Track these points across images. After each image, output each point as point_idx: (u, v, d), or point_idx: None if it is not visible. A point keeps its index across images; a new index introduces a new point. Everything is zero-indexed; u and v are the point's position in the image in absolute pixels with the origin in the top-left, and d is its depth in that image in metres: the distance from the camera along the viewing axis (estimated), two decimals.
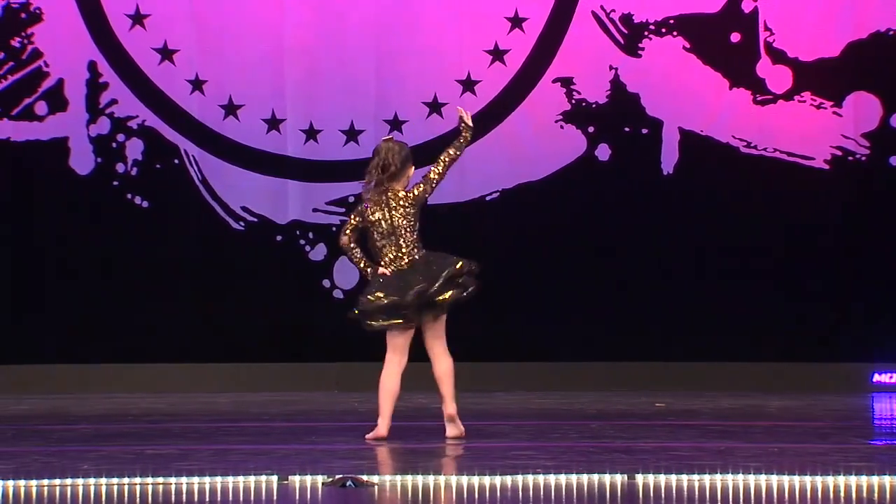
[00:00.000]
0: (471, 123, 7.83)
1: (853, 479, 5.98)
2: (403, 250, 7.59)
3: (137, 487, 5.84)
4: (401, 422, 8.60)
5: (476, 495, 5.73)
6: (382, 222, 7.59)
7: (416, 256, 7.60)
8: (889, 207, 11.20)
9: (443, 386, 7.67)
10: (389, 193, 7.62)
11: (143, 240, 11.11)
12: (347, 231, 7.65)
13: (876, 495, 5.74)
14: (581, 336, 11.14)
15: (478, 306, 11.08)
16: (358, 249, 7.65)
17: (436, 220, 11.33)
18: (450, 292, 7.57)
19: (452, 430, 7.62)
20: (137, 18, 11.08)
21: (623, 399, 10.23)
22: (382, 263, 7.62)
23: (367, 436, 7.60)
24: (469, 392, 10.38)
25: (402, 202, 7.62)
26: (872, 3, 11.24)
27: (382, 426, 7.58)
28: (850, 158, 11.25)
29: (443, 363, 7.68)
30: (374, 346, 11.31)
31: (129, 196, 11.12)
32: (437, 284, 7.53)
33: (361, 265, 7.65)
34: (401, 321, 7.59)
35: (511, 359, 11.14)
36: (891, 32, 11.24)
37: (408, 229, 7.60)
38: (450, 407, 7.63)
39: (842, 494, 5.75)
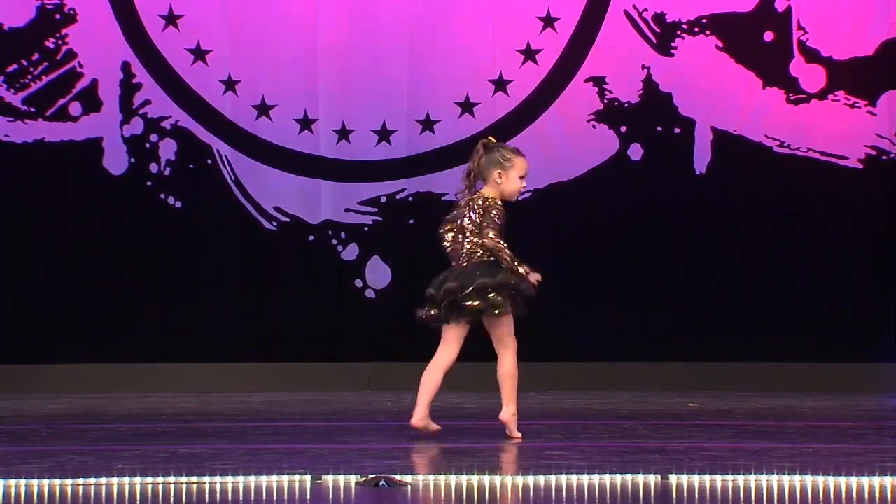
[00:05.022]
0: (520, 279, 7.59)
1: (889, 480, 5.95)
2: (463, 252, 7.60)
3: (171, 487, 5.86)
4: (435, 421, 8.61)
5: (509, 495, 5.73)
6: (460, 221, 7.62)
7: (467, 263, 7.59)
8: None
9: (500, 387, 7.66)
10: (471, 196, 7.66)
11: (176, 239, 11.15)
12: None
13: None
14: (614, 336, 11.12)
15: None
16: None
17: None
18: (477, 302, 7.55)
19: (507, 433, 7.63)
20: (171, 19, 11.12)
21: (656, 399, 10.21)
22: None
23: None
24: None
25: (471, 204, 7.62)
26: None
27: (414, 416, 7.58)
28: (885, 157, 11.20)
29: (500, 365, 7.68)
30: (407, 345, 11.34)
31: (162, 196, 11.16)
32: (467, 290, 7.53)
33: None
34: (433, 313, 7.57)
35: (543, 359, 11.11)
36: None
37: (470, 232, 7.58)
38: (502, 411, 7.63)
39: (877, 495, 5.72)
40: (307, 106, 11.17)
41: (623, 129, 11.19)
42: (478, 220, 7.56)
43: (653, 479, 6.04)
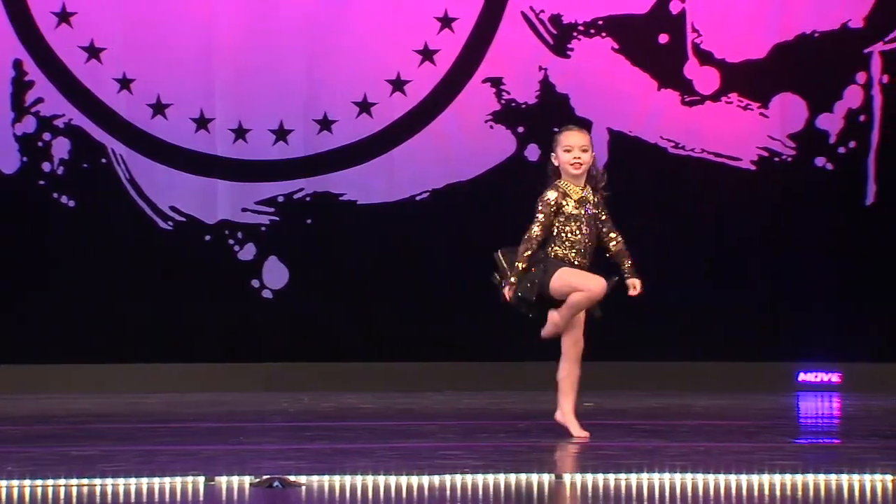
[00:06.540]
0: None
1: (778, 478, 6.03)
2: None
3: (62, 489, 5.80)
4: (330, 422, 8.61)
5: (403, 495, 5.73)
6: None
7: None
8: (814, 207, 11.31)
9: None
10: None
11: (69, 239, 11.02)
12: None
13: (800, 493, 5.79)
14: (511, 335, 11.13)
15: (409, 305, 11.13)
16: None
17: (368, 220, 11.36)
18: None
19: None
20: (63, 16, 10.99)
21: (551, 399, 10.24)
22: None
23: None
24: (400, 392, 10.39)
25: None
26: (799, 5, 11.34)
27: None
28: (777, 159, 11.34)
29: None
30: (304, 346, 11.31)
31: (55, 195, 11.03)
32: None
33: None
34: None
35: (442, 359, 11.14)
36: (816, 34, 11.34)
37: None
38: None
39: (766, 493, 5.80)
40: (203, 105, 11.09)
41: (520, 129, 11.23)
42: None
43: (547, 478, 6.07)
